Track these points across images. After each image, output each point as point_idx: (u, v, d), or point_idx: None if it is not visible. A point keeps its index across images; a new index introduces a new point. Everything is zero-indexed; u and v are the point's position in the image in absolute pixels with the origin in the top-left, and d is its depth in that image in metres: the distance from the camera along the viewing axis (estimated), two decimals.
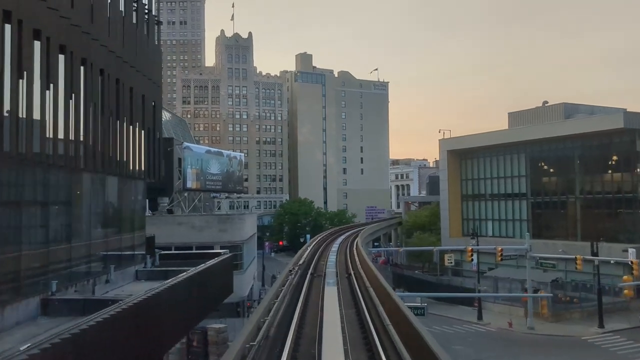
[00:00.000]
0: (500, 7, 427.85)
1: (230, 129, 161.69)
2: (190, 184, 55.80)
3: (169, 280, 21.72)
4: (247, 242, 59.19)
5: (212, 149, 63.45)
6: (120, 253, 26.97)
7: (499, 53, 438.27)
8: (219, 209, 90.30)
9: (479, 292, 64.53)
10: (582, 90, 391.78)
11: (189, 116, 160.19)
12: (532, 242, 75.16)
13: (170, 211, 60.32)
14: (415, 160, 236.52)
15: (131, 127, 27.57)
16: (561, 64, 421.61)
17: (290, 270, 33.88)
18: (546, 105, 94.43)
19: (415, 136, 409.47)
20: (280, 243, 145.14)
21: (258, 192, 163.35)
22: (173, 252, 41.54)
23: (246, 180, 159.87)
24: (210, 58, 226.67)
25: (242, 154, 67.82)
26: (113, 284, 24.94)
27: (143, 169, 29.86)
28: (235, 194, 65.35)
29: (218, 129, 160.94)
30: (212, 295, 29.15)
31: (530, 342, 53.24)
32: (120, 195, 27.25)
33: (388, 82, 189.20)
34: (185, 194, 59.73)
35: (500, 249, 58.28)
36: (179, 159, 55.42)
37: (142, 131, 29.32)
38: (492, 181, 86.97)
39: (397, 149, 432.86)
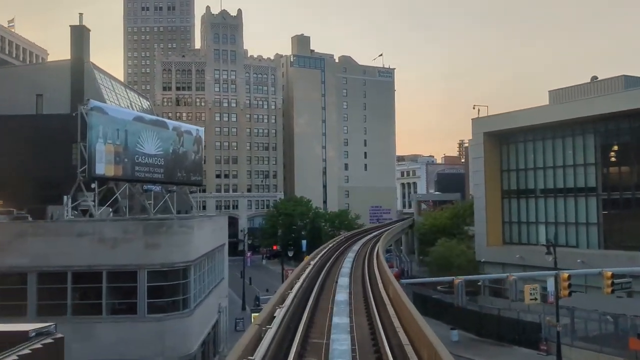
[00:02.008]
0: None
1: (217, 118, 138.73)
2: (103, 169, 32.98)
3: None
4: (202, 261, 36.54)
5: (147, 116, 40.41)
6: None
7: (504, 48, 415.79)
8: (186, 211, 67.84)
9: (558, 331, 41.30)
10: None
11: (169, 104, 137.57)
12: (604, 254, 53.21)
13: (86, 213, 37.55)
14: (422, 156, 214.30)
15: None
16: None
17: None
18: (596, 80, 71.77)
19: (420, 133, 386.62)
20: (275, 247, 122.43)
21: (249, 190, 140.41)
22: None
23: (236, 177, 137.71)
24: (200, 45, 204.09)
25: (201, 129, 44.00)
26: None
27: None
28: (187, 187, 42.26)
29: (203, 118, 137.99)
30: None
31: None
32: None
33: (394, 69, 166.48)
34: (99, 186, 36.88)
35: (609, 274, 35.19)
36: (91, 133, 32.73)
37: None
38: (545, 172, 63.96)
39: (402, 145, 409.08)
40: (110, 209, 39.17)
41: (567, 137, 61.58)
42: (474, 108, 66.33)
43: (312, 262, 35.91)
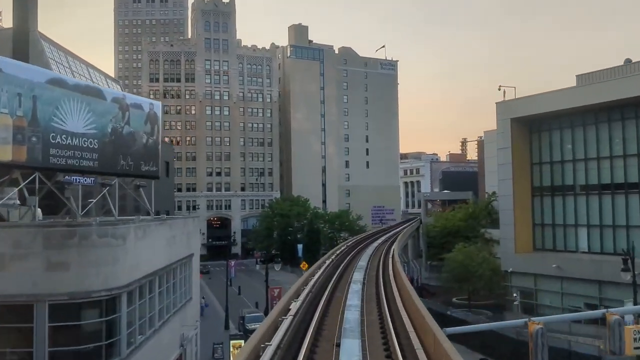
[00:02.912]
0: None
1: (209, 112, 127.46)
2: None
3: None
4: (148, 284, 25.38)
5: (71, 80, 29.04)
6: None
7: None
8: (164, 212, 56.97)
9: None
10: None
11: (157, 96, 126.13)
12: None
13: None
14: (426, 154, 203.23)
15: None
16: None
17: None
18: (629, 63, 60.55)
19: (421, 131, 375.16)
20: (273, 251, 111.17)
21: (242, 189, 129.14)
22: None
23: (228, 175, 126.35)
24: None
25: (157, 103, 32.42)
26: None
27: None
28: (135, 179, 30.88)
29: (193, 111, 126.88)
30: None
31: None
32: None
33: (397, 61, 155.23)
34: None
35: None
36: None
37: None
38: (587, 164, 52.57)
39: (404, 143, 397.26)
40: (34, 209, 27.84)
41: (614, 122, 50.30)
42: (499, 89, 56.16)
43: (304, 292, 24.48)
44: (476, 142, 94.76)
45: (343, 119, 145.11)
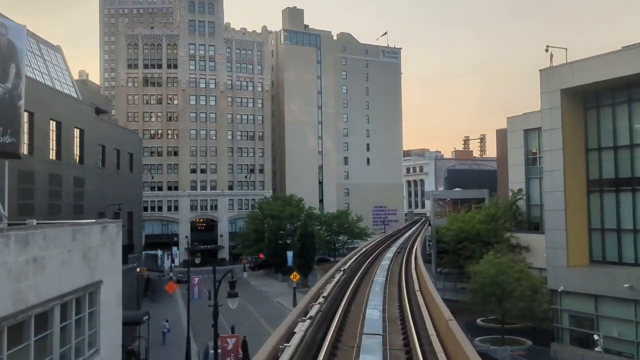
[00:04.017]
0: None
1: (193, 101, 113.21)
2: None
3: None
4: None
5: None
6: None
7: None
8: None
9: None
10: None
11: (135, 84, 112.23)
12: None
13: None
14: (430, 151, 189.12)
15: None
16: None
17: None
18: None
19: (423, 128, 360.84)
20: (260, 256, 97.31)
21: (230, 188, 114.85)
22: None
23: (215, 172, 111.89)
24: None
25: (15, 24, 17.25)
26: None
27: None
28: None
29: (176, 101, 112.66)
30: None
31: None
32: None
33: (400, 49, 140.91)
34: None
35: None
36: None
37: None
38: None
39: (405, 139, 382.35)
40: None
41: None
42: (546, 51, 40.63)
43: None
44: (495, 133, 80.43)
45: (342, 111, 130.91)
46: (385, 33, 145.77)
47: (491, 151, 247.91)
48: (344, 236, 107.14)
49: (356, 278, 29.86)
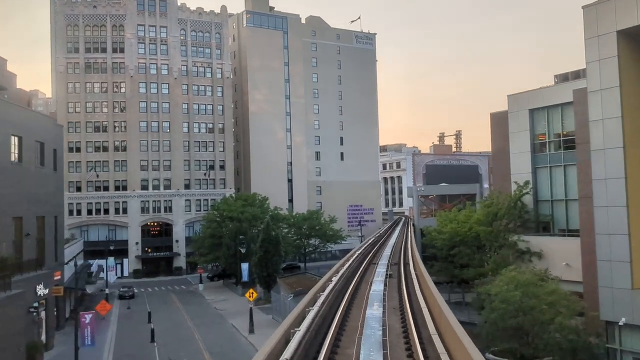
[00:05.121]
0: None
1: (143, 89, 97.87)
2: None
3: None
4: None
5: None
6: None
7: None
8: None
9: None
10: None
11: (76, 70, 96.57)
12: None
13: None
14: (407, 147, 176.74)
15: None
16: None
17: None
18: None
19: (396, 127, 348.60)
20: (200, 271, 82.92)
21: (187, 187, 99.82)
22: None
23: (169, 169, 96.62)
24: None
25: None
26: None
27: None
28: None
29: (123, 90, 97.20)
30: None
31: None
32: None
33: (375, 34, 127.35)
34: None
35: None
36: None
37: None
38: None
39: (381, 133, 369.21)
40: None
41: None
42: None
43: None
44: (489, 117, 67.14)
45: (312, 101, 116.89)
46: (359, 18, 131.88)
47: (467, 147, 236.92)
48: (316, 239, 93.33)
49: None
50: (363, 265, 34.13)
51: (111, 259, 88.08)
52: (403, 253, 38.61)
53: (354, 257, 36.27)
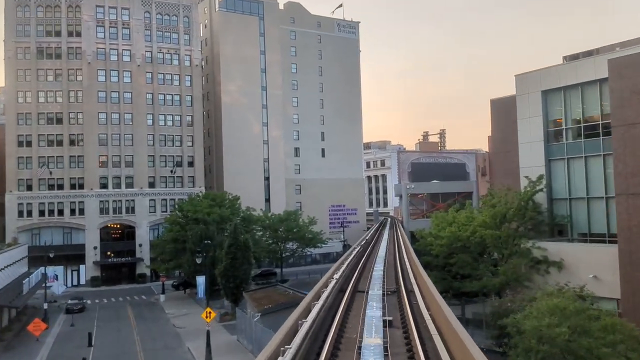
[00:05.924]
0: None
1: (102, 78, 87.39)
2: None
3: None
4: None
5: None
6: None
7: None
8: None
9: None
10: None
11: (28, 56, 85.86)
12: None
13: None
14: (391, 144, 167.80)
15: None
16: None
17: None
18: None
19: (379, 126, 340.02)
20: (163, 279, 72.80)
21: (151, 185, 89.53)
22: None
23: (131, 165, 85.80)
24: None
25: None
26: None
27: None
28: None
29: (80, 77, 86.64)
30: None
31: None
32: None
33: (359, 22, 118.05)
34: None
35: None
36: None
37: None
38: None
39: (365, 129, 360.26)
40: None
41: None
42: None
43: None
44: (489, 103, 57.95)
45: (291, 93, 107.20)
46: (341, 5, 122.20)
47: (451, 147, 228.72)
48: (294, 243, 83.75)
49: None
50: (345, 297, 22.24)
51: (60, 268, 78.25)
52: (402, 274, 28.69)
53: (332, 284, 23.14)
